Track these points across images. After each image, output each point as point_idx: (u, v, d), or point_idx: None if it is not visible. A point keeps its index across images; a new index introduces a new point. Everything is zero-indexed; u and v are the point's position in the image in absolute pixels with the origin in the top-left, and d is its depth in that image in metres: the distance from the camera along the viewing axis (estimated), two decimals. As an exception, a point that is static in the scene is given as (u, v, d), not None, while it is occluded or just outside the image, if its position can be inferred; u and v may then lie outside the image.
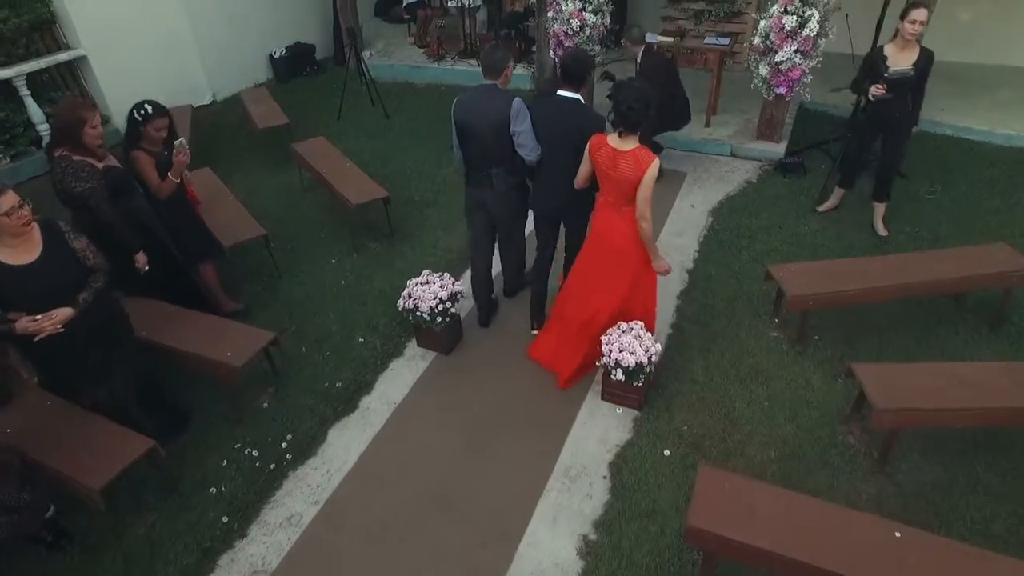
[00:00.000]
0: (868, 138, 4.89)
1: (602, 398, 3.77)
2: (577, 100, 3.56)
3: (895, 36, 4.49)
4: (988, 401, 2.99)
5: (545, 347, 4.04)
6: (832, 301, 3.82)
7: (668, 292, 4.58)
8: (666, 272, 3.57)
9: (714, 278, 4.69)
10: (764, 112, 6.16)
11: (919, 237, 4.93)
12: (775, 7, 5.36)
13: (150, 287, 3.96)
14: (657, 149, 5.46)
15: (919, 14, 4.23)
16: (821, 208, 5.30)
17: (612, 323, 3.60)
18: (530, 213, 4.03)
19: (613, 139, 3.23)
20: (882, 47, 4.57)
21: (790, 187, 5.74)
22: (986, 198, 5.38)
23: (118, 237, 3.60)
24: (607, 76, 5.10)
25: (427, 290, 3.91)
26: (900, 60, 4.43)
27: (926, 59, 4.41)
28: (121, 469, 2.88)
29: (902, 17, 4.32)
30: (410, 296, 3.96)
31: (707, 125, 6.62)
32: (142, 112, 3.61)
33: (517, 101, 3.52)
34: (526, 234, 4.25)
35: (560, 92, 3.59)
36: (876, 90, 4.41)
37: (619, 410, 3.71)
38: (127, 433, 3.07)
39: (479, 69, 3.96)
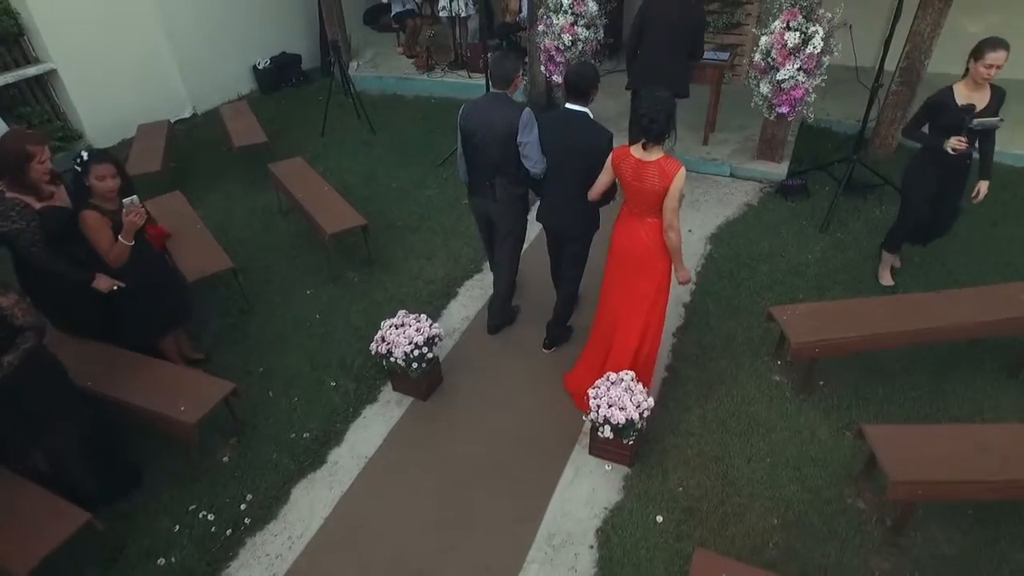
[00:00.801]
0: (934, 191, 4.13)
1: (590, 452, 3.48)
2: (585, 114, 3.44)
3: (965, 75, 3.83)
4: (1015, 472, 2.70)
5: (582, 380, 3.74)
6: (839, 348, 3.52)
7: (664, 329, 4.29)
8: (686, 282, 3.41)
9: (712, 313, 4.39)
10: (765, 131, 5.87)
11: (930, 269, 4.64)
12: (777, 23, 5.06)
13: (101, 329, 3.67)
14: None
15: (997, 58, 3.61)
16: (884, 282, 4.53)
17: (641, 342, 3.51)
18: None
19: (636, 150, 3.13)
20: (951, 89, 3.86)
21: (793, 211, 5.44)
22: (1000, 225, 5.09)
23: (60, 279, 3.32)
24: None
25: (401, 334, 3.62)
26: (972, 102, 3.80)
27: (998, 100, 3.81)
28: (48, 551, 2.58)
29: (976, 58, 3.69)
30: (383, 340, 3.66)
31: (705, 143, 6.33)
32: (78, 162, 3.18)
33: (527, 112, 3.46)
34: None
35: (568, 105, 3.46)
36: (959, 144, 3.76)
37: (608, 466, 3.42)
38: (59, 505, 2.78)
39: (469, 80, 3.91)
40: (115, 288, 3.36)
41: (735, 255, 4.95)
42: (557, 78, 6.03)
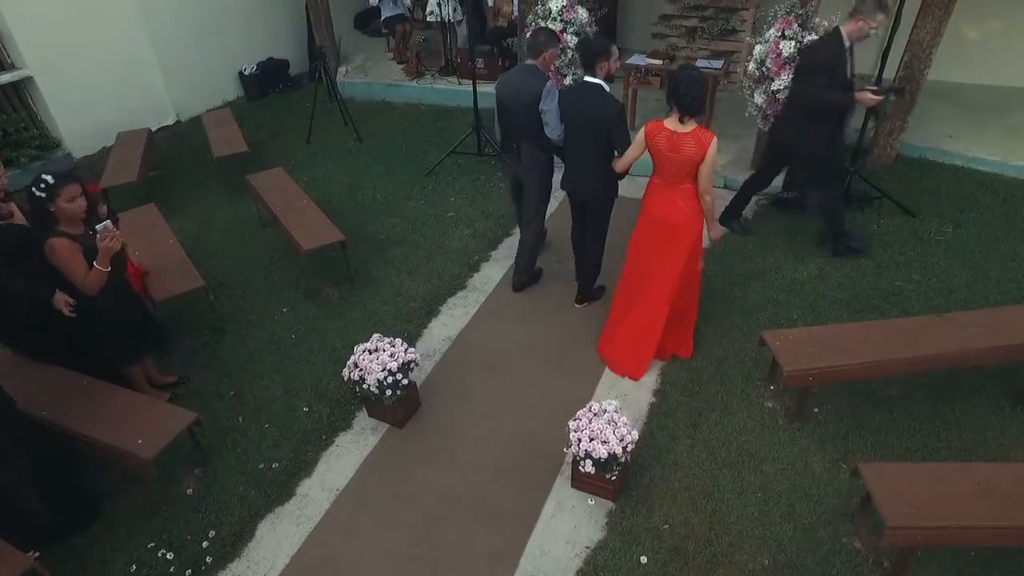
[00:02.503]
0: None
1: (572, 485, 3.31)
2: (598, 86, 3.68)
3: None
4: (1017, 517, 2.53)
5: (612, 347, 4.06)
6: (834, 376, 3.35)
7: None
8: (718, 238, 3.80)
9: (703, 334, 4.21)
10: (760, 142, 5.70)
11: (930, 288, 4.46)
12: (772, 31, 4.90)
13: (64, 353, 3.50)
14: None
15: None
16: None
17: (672, 307, 3.80)
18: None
19: (671, 123, 3.40)
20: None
21: (787, 225, 5.27)
22: (1002, 240, 4.92)
23: (17, 299, 3.15)
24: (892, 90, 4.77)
25: (375, 360, 3.45)
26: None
27: None
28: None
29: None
30: (356, 366, 3.49)
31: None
32: (42, 186, 2.95)
33: (550, 82, 3.84)
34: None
35: (585, 78, 3.72)
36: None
37: (591, 500, 3.25)
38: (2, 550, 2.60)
39: (459, 87, 5.55)
40: (70, 307, 3.17)
41: (728, 272, 4.77)
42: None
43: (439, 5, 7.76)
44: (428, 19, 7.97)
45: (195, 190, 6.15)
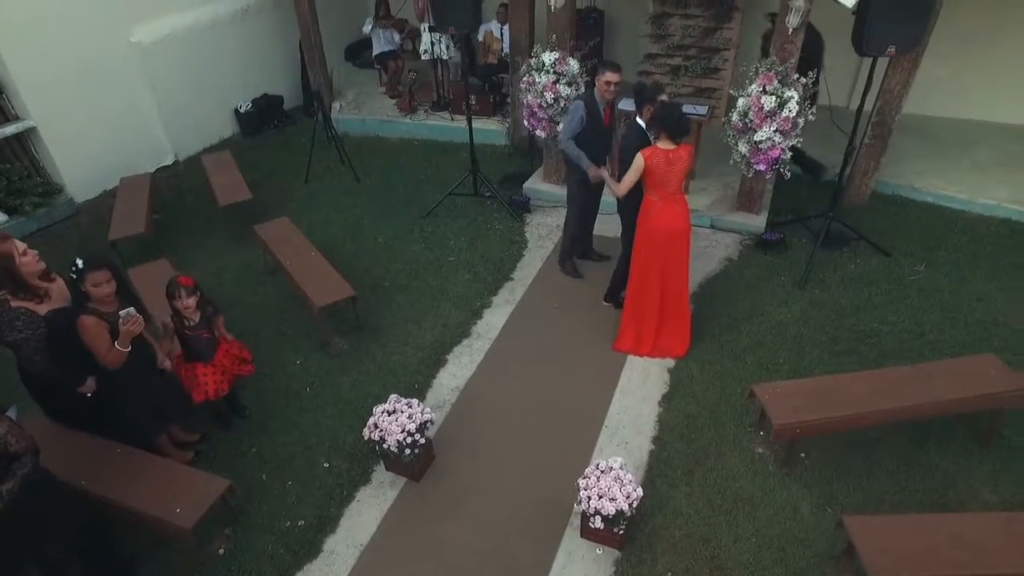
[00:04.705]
0: None
1: (581, 535, 3.57)
2: (639, 128, 4.48)
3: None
4: (986, 567, 2.83)
5: (635, 342, 4.75)
6: (820, 429, 3.65)
7: (650, 398, 4.41)
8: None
9: (696, 379, 4.50)
10: (744, 184, 6.02)
11: (904, 330, 4.79)
12: (754, 86, 5.20)
13: (94, 420, 3.68)
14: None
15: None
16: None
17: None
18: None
19: (664, 144, 4.14)
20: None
21: (771, 266, 5.58)
22: (970, 280, 5.27)
23: (56, 380, 3.34)
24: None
25: (394, 421, 3.67)
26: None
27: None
28: None
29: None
30: (376, 427, 3.71)
31: (686, 191, 6.44)
32: (74, 269, 3.17)
33: (575, 103, 4.90)
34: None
35: (637, 118, 4.53)
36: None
37: (599, 549, 3.50)
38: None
39: (452, 123, 6.42)
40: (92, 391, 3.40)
41: (717, 314, 5.07)
42: (541, 133, 6.11)
43: (432, 44, 8.00)
44: (423, 57, 8.17)
45: (200, 237, 6.31)
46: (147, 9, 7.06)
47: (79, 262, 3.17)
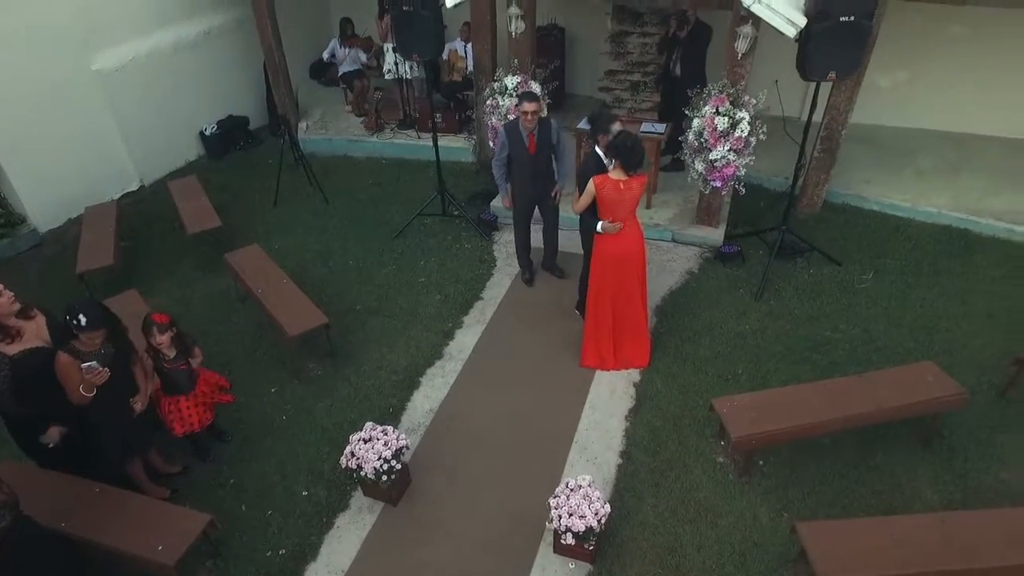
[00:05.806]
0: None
1: (554, 551, 3.73)
2: (596, 156, 4.73)
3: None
4: (924, 565, 3.08)
5: (599, 358, 4.94)
6: (775, 438, 3.88)
7: (617, 412, 4.60)
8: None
9: (661, 393, 4.71)
10: (702, 199, 6.26)
11: (854, 338, 5.07)
12: (708, 107, 5.44)
13: (69, 459, 3.72)
14: None
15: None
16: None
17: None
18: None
19: (616, 174, 4.31)
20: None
21: (730, 278, 5.83)
22: (913, 286, 5.59)
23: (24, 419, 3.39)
24: None
25: (370, 448, 3.79)
26: None
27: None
28: None
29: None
30: (352, 455, 3.82)
31: (648, 207, 6.68)
32: (75, 322, 3.24)
33: (501, 130, 5.32)
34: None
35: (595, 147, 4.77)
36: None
37: (572, 564, 3.67)
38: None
39: (419, 142, 7.00)
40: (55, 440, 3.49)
41: (679, 328, 5.29)
42: (505, 154, 6.27)
43: (396, 63, 8.10)
44: (386, 76, 8.27)
45: (168, 264, 6.32)
46: (108, 36, 7.02)
47: (82, 319, 3.23)
